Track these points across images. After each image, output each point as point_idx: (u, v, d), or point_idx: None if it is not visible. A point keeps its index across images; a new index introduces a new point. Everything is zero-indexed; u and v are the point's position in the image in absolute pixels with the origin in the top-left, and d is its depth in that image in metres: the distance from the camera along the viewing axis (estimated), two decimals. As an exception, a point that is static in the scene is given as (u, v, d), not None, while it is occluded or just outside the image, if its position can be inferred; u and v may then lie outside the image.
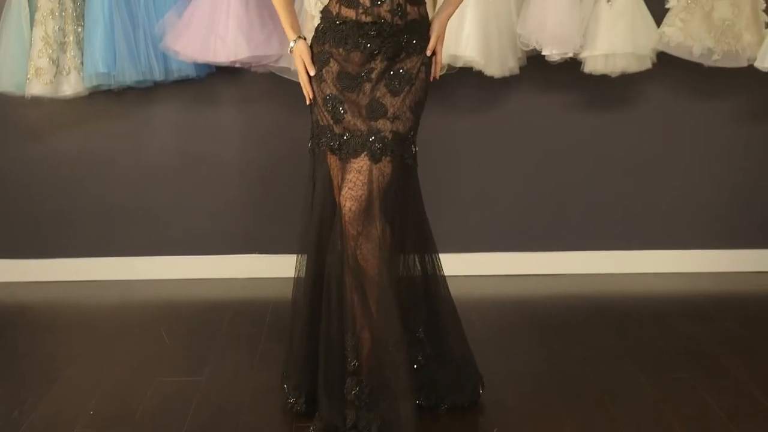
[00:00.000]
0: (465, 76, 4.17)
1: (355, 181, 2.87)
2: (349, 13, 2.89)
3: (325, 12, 2.97)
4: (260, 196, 4.46)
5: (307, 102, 3.01)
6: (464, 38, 3.95)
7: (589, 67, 4.10)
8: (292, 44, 2.99)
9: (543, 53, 4.04)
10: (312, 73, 2.95)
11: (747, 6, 4.11)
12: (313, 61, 2.96)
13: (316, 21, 3.05)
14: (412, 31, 2.92)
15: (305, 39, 3.00)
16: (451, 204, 4.43)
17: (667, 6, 4.09)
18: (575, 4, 4.02)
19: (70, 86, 4.06)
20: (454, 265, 3.59)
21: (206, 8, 3.97)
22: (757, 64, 4.02)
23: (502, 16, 4.05)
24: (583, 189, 4.51)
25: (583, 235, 4.54)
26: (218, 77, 4.27)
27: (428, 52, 2.95)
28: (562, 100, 4.42)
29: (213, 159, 4.42)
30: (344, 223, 2.87)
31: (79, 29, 4.06)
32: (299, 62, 2.98)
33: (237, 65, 4.06)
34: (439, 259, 3.11)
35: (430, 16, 3.03)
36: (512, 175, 4.49)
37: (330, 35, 2.93)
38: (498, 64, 4.06)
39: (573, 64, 4.12)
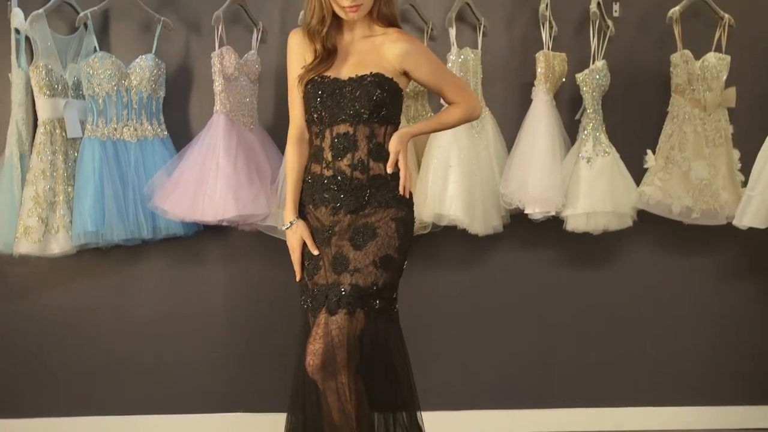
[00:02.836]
0: (449, 233, 4.21)
1: (314, 335, 2.90)
2: (316, 168, 2.98)
3: None
4: (245, 353, 4.42)
5: (298, 279, 3.05)
6: (448, 198, 4.00)
7: (571, 226, 4.15)
8: (291, 223, 3.03)
9: (526, 212, 4.10)
10: (316, 253, 2.98)
11: (723, 166, 4.22)
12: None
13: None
14: (377, 186, 2.97)
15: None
16: (436, 360, 4.40)
17: (645, 166, 4.19)
18: (556, 164, 4.10)
19: (59, 245, 4.05)
20: (439, 423, 3.55)
21: (195, 168, 4.01)
22: (736, 222, 4.09)
23: (485, 176, 4.13)
24: (567, 345, 4.49)
25: (569, 392, 4.50)
26: (205, 235, 4.29)
27: (389, 169, 2.97)
28: (546, 256, 4.46)
29: (199, 316, 4.41)
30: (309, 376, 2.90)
31: (69, 189, 4.07)
32: (297, 242, 3.02)
33: (224, 224, 4.06)
34: (422, 418, 3.08)
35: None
36: (498, 330, 4.48)
37: (303, 192, 3.02)
38: (482, 223, 4.10)
39: (555, 221, 4.18)
